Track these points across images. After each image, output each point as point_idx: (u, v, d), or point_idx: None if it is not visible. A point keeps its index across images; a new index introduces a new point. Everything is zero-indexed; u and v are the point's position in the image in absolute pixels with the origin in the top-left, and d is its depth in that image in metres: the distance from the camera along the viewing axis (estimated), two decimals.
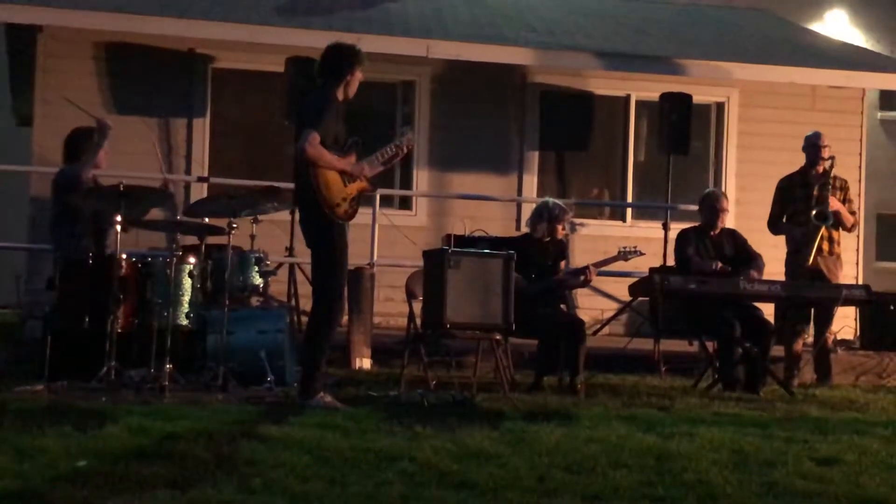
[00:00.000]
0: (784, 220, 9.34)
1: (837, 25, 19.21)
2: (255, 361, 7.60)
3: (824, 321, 9.05)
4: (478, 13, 13.38)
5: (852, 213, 9.36)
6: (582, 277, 8.65)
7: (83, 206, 7.72)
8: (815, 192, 9.11)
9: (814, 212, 9.03)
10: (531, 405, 7.18)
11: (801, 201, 9.19)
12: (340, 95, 6.98)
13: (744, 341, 8.36)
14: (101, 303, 7.24)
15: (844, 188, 9.36)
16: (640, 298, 9.92)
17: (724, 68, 12.06)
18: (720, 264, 8.63)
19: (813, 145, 9.29)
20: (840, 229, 9.27)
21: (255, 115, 12.20)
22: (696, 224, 9.01)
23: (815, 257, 9.09)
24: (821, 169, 9.18)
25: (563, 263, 8.76)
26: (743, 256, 8.80)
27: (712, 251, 8.79)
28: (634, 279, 9.26)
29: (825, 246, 9.17)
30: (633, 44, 12.87)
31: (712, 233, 8.86)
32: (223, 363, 7.36)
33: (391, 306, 10.73)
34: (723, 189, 11.87)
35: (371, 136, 7.35)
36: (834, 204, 9.10)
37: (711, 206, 8.88)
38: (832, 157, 9.19)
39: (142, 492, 4.39)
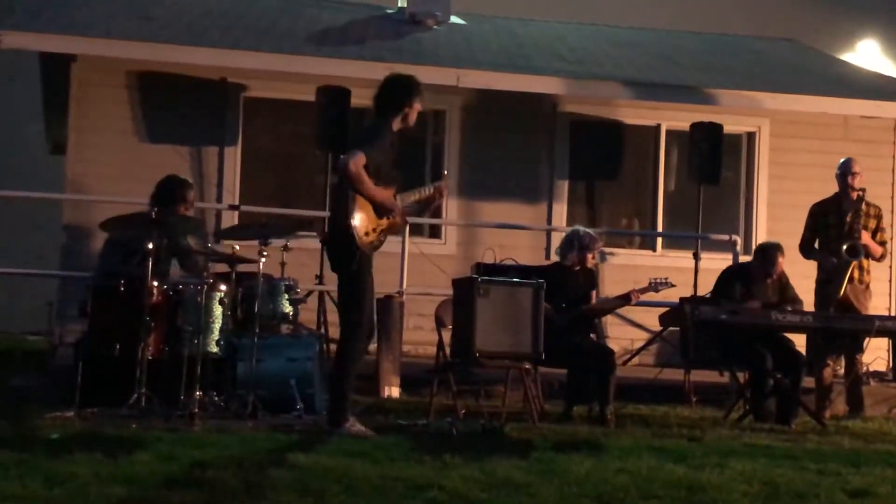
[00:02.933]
0: (816, 245, 9.29)
1: (869, 55, 19.13)
2: (284, 389, 7.60)
3: (855, 352, 8.97)
4: (508, 43, 13.41)
5: (882, 242, 9.29)
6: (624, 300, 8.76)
7: (113, 233, 7.74)
8: (849, 219, 9.07)
9: (845, 247, 8.97)
10: (560, 435, 7.15)
11: (834, 228, 9.14)
12: (397, 126, 7.04)
13: (775, 372, 8.31)
14: (131, 330, 7.26)
15: (879, 216, 9.30)
16: (671, 328, 9.88)
17: (754, 98, 12.03)
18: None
19: (841, 174, 9.24)
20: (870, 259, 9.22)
21: (286, 144, 12.26)
22: (742, 262, 8.97)
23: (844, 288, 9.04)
24: (854, 196, 9.13)
25: (593, 294, 8.74)
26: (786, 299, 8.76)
27: (756, 290, 8.71)
28: (665, 309, 9.22)
29: (855, 274, 9.10)
30: (664, 73, 12.87)
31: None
32: (253, 391, 7.37)
33: (420, 335, 10.71)
34: (754, 219, 11.87)
35: (400, 167, 7.36)
36: (863, 237, 9.04)
37: (772, 260, 8.74)
38: (863, 189, 9.13)
39: None
